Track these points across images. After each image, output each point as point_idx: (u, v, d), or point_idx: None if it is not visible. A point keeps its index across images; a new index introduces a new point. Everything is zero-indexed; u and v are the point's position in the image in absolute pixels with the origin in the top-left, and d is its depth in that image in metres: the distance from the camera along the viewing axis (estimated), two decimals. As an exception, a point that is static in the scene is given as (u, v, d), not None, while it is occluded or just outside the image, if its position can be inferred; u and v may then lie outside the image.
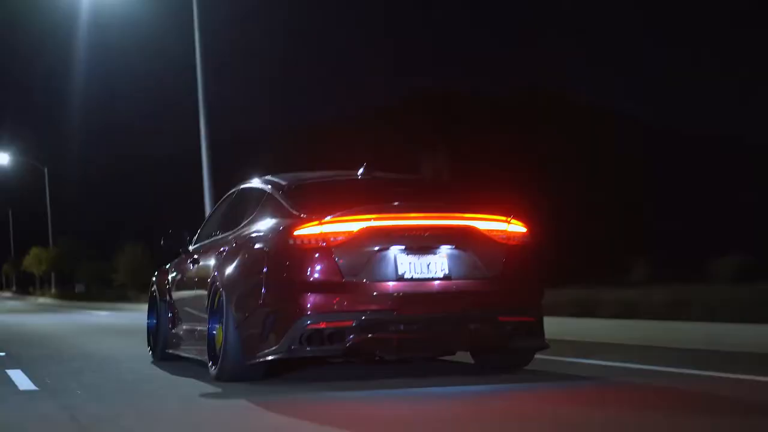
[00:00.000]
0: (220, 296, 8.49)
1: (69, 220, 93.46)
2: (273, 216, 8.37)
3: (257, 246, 8.14)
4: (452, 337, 7.97)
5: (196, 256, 9.84)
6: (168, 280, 10.86)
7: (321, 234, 7.76)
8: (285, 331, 7.69)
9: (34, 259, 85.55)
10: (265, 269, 7.89)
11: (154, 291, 11.18)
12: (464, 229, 7.98)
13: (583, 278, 14.87)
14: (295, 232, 7.79)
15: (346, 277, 7.68)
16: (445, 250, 7.89)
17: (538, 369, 8.64)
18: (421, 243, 7.87)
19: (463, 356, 9.17)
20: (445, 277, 7.85)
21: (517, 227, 8.16)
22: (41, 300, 72.06)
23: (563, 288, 12.98)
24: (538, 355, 8.63)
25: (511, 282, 8.00)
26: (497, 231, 8.07)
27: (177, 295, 10.52)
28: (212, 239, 9.52)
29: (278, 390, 7.71)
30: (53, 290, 77.52)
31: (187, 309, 10.01)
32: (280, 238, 7.86)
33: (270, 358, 7.85)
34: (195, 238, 10.48)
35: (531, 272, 8.16)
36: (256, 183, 9.30)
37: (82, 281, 76.07)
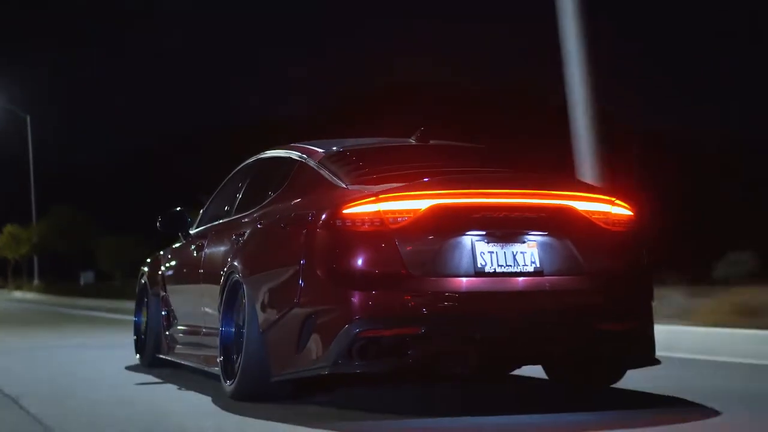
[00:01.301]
0: (239, 291, 6.70)
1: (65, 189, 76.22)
2: (311, 190, 6.58)
3: (292, 228, 6.34)
4: (543, 348, 6.19)
5: (202, 241, 8.04)
6: (162, 270, 9.05)
7: (378, 213, 5.97)
8: (330, 339, 5.90)
9: (7, 240, 65.05)
10: (303, 258, 6.09)
11: (145, 283, 9.35)
12: (560, 211, 6.22)
13: (679, 274, 12.83)
14: (345, 210, 6.00)
15: (410, 270, 5.90)
16: (535, 237, 6.12)
17: (628, 387, 6.90)
18: (506, 227, 6.09)
19: (531, 369, 7.44)
20: (536, 272, 6.08)
21: (622, 210, 6.39)
22: (18, 294, 55.70)
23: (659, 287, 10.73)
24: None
25: (616, 279, 6.24)
26: (600, 214, 6.30)
27: (174, 288, 8.72)
28: (226, 220, 7.71)
29: (319, 415, 5.94)
30: (35, 281, 58.37)
31: (188, 306, 8.22)
32: (323, 217, 6.06)
33: (307, 373, 6.08)
34: (198, 219, 8.67)
35: (639, 267, 6.40)
36: (281, 151, 7.50)
37: (90, 270, 57.21)
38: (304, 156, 6.97)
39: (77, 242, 62.41)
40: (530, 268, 6.07)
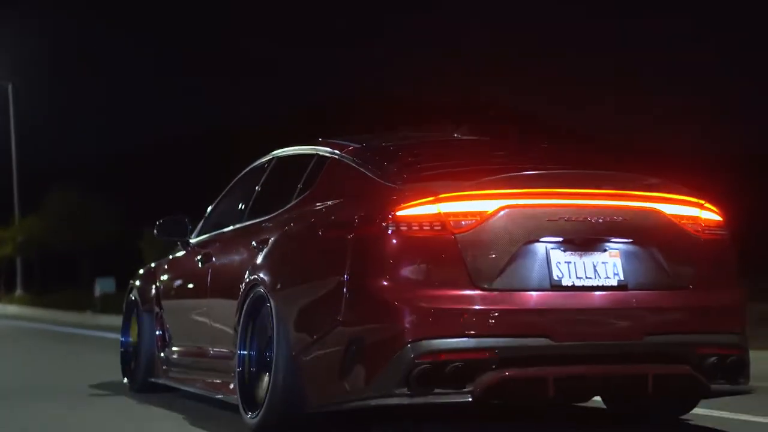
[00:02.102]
0: (264, 307, 5.77)
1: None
2: (351, 190, 5.66)
3: (333, 233, 5.42)
4: (630, 376, 5.28)
5: (208, 250, 7.09)
6: (157, 284, 8.07)
7: (440, 215, 5.06)
8: (381, 365, 4.97)
9: None
10: (348, 268, 5.17)
11: (135, 299, 8.37)
12: (646, 215, 5.34)
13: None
14: (400, 212, 5.08)
15: (477, 283, 5.00)
16: (618, 245, 5.25)
17: (699, 423, 6.04)
18: (585, 233, 5.21)
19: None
20: (620, 286, 5.20)
21: (711, 215, 5.53)
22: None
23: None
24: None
25: (709, 295, 5.37)
26: (688, 219, 5.44)
27: (172, 304, 7.75)
28: (240, 225, 6.76)
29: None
30: (17, 291, 45.12)
31: (191, 325, 7.26)
32: (373, 220, 5.15)
33: (351, 404, 5.15)
34: (199, 226, 7.72)
35: (733, 280, 5.53)
36: (303, 148, 6.57)
37: (109, 276, 31.95)
38: (336, 151, 6.05)
39: (87, 237, 47.64)
40: (613, 281, 5.19)
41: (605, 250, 5.22)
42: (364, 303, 5.10)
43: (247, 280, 5.99)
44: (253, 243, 6.14)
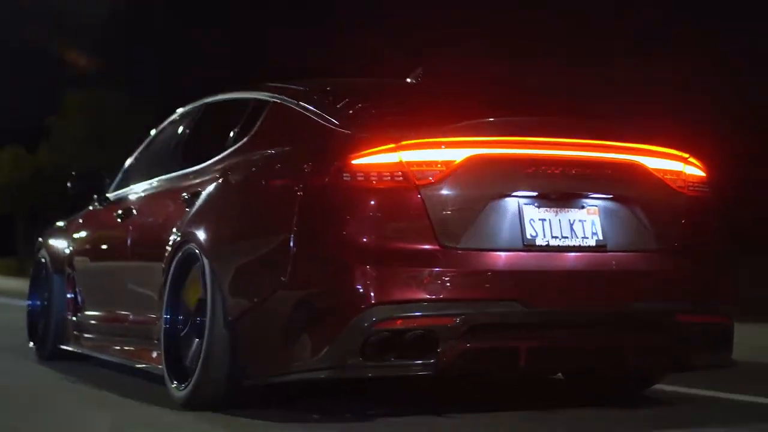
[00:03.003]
0: (195, 267, 5.13)
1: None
2: (298, 136, 5.04)
3: (277, 184, 4.81)
4: (609, 346, 4.75)
5: (128, 205, 6.41)
6: (69, 242, 7.37)
7: (401, 164, 4.47)
8: (335, 333, 4.38)
9: None
10: (295, 224, 4.56)
11: (44, 259, 7.65)
12: (628, 168, 4.81)
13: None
14: (356, 161, 4.49)
15: (442, 241, 4.43)
16: (596, 201, 4.72)
17: (663, 399, 5.57)
18: (561, 188, 4.67)
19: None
20: (599, 246, 4.67)
21: (695, 170, 5.02)
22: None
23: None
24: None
25: (695, 258, 4.86)
26: (672, 174, 4.91)
27: (87, 264, 7.06)
28: (167, 177, 6.10)
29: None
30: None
31: (108, 287, 6.60)
32: (323, 171, 4.54)
33: (299, 376, 4.55)
34: (116, 181, 7.04)
35: (718, 243, 5.02)
36: (239, 94, 5.93)
37: None
38: (277, 95, 5.41)
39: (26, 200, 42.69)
40: (591, 242, 4.66)
41: (583, 207, 4.69)
42: (314, 263, 4.50)
43: (176, 236, 5.34)
44: (184, 195, 5.48)
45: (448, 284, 4.38)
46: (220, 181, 5.24)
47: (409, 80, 5.74)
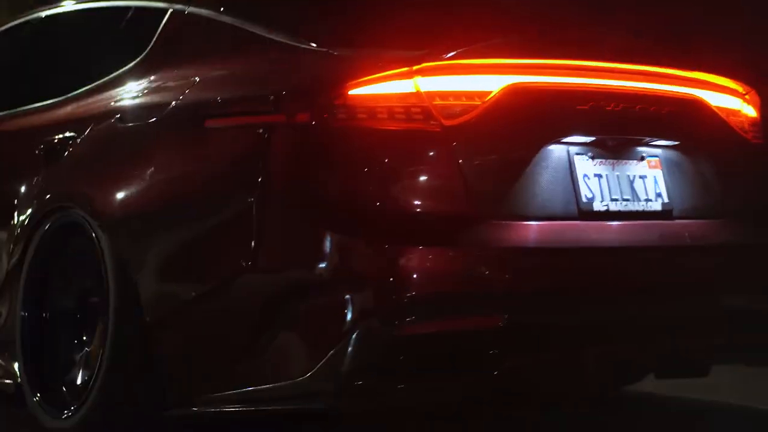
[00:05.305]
0: (79, 242, 3.57)
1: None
2: (234, 55, 3.53)
3: (221, 125, 3.30)
4: (701, 344, 3.50)
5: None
6: None
7: (420, 96, 3.07)
8: (333, 342, 2.94)
9: None
10: (258, 184, 3.09)
11: None
12: (689, 106, 3.58)
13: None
14: (352, 91, 3.05)
15: (479, 207, 3.08)
16: (657, 149, 3.48)
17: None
18: (620, 132, 3.40)
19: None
20: (665, 212, 3.43)
21: (752, 110, 3.85)
22: None
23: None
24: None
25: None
26: (734, 114, 3.73)
27: None
28: (6, 113, 4.42)
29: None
30: None
31: None
32: (302, 106, 3.08)
33: (269, 406, 3.12)
34: None
35: None
36: (102, 2, 4.33)
37: None
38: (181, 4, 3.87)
39: None
40: (656, 205, 3.42)
41: (642, 158, 3.44)
42: (294, 240, 3.07)
43: (42, 197, 3.75)
44: (46, 139, 3.88)
45: (492, 271, 3.05)
46: (112, 120, 3.67)
47: None
